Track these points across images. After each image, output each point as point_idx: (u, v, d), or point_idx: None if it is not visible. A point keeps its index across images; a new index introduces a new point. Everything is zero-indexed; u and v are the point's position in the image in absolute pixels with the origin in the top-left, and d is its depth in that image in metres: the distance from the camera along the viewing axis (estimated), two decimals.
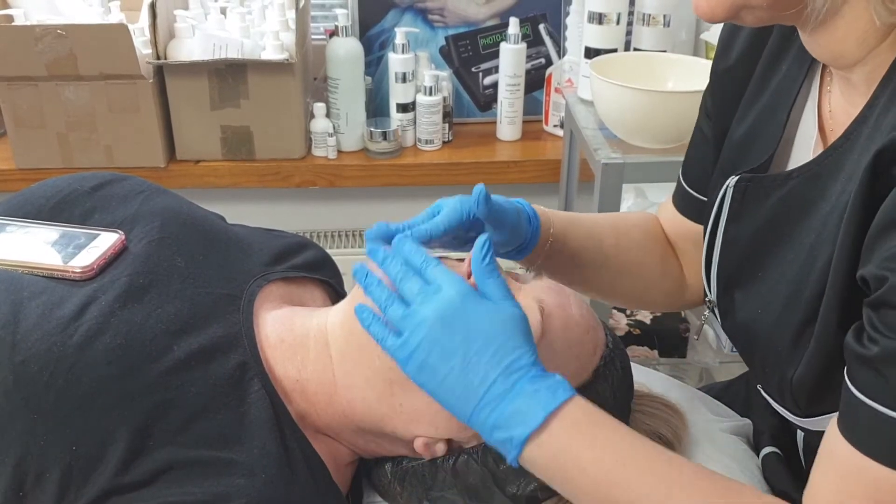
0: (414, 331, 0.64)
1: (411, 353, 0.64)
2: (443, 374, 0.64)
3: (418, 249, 0.68)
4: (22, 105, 1.62)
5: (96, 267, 0.75)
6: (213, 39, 1.62)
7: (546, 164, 1.80)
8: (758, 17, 0.63)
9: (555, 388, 0.63)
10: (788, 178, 0.70)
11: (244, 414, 0.71)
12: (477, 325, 0.64)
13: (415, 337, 0.64)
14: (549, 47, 1.90)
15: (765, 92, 0.77)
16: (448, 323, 0.64)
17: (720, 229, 0.77)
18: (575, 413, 0.63)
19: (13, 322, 0.68)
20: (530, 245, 0.82)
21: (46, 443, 0.65)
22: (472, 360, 0.64)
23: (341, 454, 0.79)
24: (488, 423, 0.63)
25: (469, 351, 0.64)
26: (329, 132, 1.77)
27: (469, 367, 0.64)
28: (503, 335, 0.64)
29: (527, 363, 0.64)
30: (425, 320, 0.64)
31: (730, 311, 0.78)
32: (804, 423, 0.71)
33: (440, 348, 0.64)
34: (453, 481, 0.74)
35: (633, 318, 1.62)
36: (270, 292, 0.83)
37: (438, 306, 0.64)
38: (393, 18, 1.85)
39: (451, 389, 0.64)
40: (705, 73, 1.32)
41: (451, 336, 0.64)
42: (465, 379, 0.63)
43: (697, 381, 1.67)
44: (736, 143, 0.79)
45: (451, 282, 0.66)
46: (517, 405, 0.62)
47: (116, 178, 0.87)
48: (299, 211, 1.93)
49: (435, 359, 0.64)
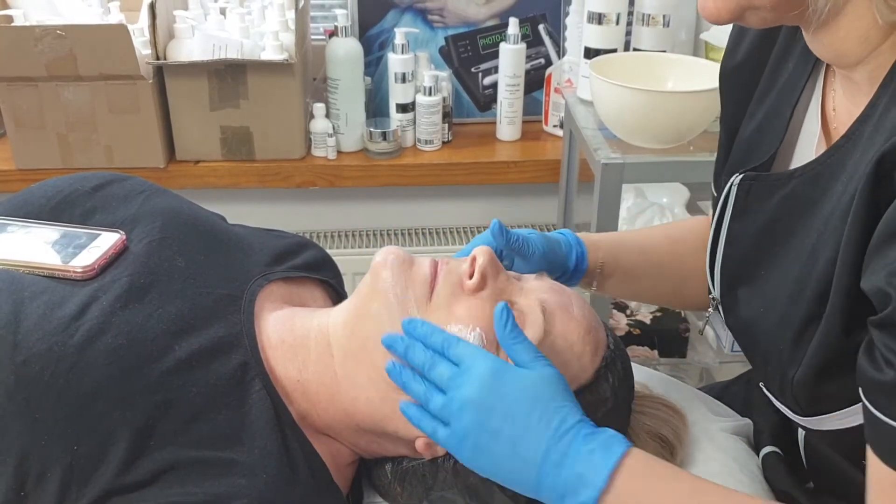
0: (458, 419, 0.66)
1: (461, 440, 0.66)
2: (498, 455, 0.65)
3: (433, 329, 0.70)
4: (22, 105, 1.62)
5: (97, 267, 0.75)
6: (213, 40, 1.62)
7: (546, 165, 1.80)
8: (762, 18, 0.64)
9: (608, 443, 0.64)
10: (791, 177, 0.70)
11: (245, 414, 0.71)
12: (515, 397, 0.65)
13: (460, 425, 0.66)
14: (548, 47, 1.90)
15: (772, 90, 0.77)
16: (486, 403, 0.65)
17: (724, 226, 0.78)
18: (635, 467, 0.64)
19: (14, 322, 0.68)
20: (578, 273, 0.87)
21: (47, 443, 0.65)
22: (520, 434, 0.65)
23: (342, 454, 0.79)
24: (556, 492, 0.64)
25: (514, 425, 0.65)
26: (329, 132, 1.77)
27: (519, 441, 0.65)
28: (543, 398, 0.65)
29: (574, 422, 0.65)
30: (465, 405, 0.66)
31: (733, 309, 0.78)
32: (805, 421, 0.71)
33: (487, 430, 0.65)
34: (454, 481, 0.74)
35: (633, 318, 1.62)
36: (271, 292, 0.83)
37: (473, 389, 0.66)
38: (392, 19, 1.85)
39: (509, 468, 0.65)
40: (705, 73, 1.34)
41: (493, 415, 0.65)
42: (519, 454, 0.65)
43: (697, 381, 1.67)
44: (744, 140, 0.80)
45: (478, 358, 0.67)
46: (577, 469, 0.63)
47: (117, 178, 0.87)
48: (299, 211, 1.93)
49: (485, 441, 0.65)
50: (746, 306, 0.75)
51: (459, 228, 1.97)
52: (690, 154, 1.36)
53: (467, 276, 0.74)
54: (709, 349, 1.64)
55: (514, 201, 1.96)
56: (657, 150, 1.34)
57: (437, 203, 1.96)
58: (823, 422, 0.68)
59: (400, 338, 0.70)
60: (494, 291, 0.74)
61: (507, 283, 0.76)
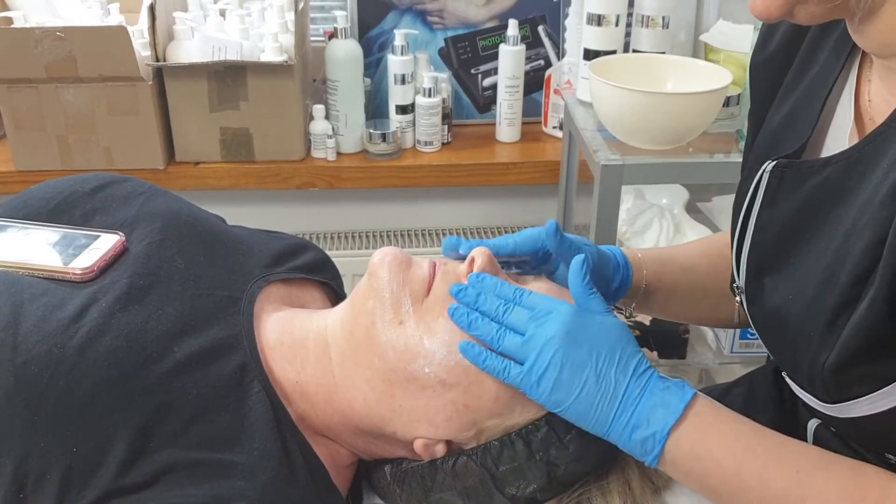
0: (541, 352, 0.69)
1: (542, 374, 0.68)
2: (578, 388, 0.68)
3: (502, 282, 0.73)
4: (21, 107, 1.62)
5: (97, 268, 0.75)
6: (213, 41, 1.62)
7: (545, 166, 1.81)
8: (810, 14, 0.64)
9: (681, 385, 0.70)
10: (827, 164, 0.70)
11: (244, 416, 0.71)
12: (598, 337, 0.70)
13: (543, 357, 0.68)
14: (548, 49, 1.91)
15: (802, 81, 0.77)
16: (573, 338, 0.69)
17: (753, 214, 0.78)
18: (706, 406, 0.69)
19: (14, 324, 0.68)
20: (620, 293, 0.88)
21: (47, 444, 0.65)
22: (603, 369, 0.69)
23: (341, 456, 0.79)
24: (630, 425, 0.68)
25: (599, 360, 0.69)
26: (328, 134, 1.77)
27: (602, 375, 0.69)
28: (621, 343, 0.70)
29: (648, 366, 0.70)
30: (551, 340, 0.69)
31: (758, 298, 0.78)
32: (832, 409, 0.71)
33: (571, 363, 0.68)
34: (453, 482, 0.74)
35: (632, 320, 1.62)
36: (270, 294, 0.83)
37: (559, 325, 0.69)
38: (392, 20, 1.85)
39: (587, 401, 0.68)
40: (704, 74, 1.34)
41: (579, 349, 0.69)
42: (601, 387, 0.68)
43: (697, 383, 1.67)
44: (771, 130, 0.80)
45: (557, 303, 0.71)
46: (654, 402, 0.68)
47: (117, 179, 0.87)
48: (299, 212, 1.93)
49: (567, 374, 0.68)
50: (773, 294, 0.75)
51: (459, 230, 1.98)
52: (690, 155, 1.36)
53: (465, 276, 0.74)
54: (708, 350, 1.64)
55: (513, 203, 1.96)
56: (656, 151, 1.34)
57: (437, 204, 1.96)
58: (852, 408, 0.68)
59: (470, 287, 0.73)
60: None
61: None
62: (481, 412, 0.72)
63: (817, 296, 0.69)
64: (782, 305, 0.74)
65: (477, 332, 0.71)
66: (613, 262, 0.87)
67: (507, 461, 0.72)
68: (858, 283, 0.64)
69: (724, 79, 1.30)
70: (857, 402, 0.67)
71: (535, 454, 0.72)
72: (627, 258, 0.89)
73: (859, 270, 0.64)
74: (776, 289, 0.75)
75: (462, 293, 0.73)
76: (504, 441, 0.72)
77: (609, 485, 0.75)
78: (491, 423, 0.72)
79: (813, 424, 0.84)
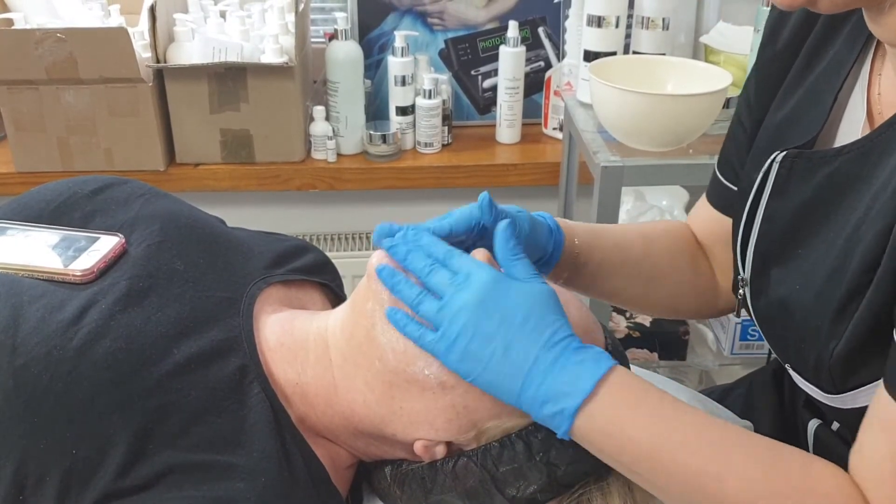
0: (452, 321, 0.66)
1: (452, 343, 0.66)
2: (486, 358, 0.66)
3: (438, 241, 0.70)
4: (22, 109, 1.62)
5: (96, 270, 0.75)
6: (213, 43, 1.62)
7: (545, 167, 1.81)
8: (833, 2, 0.64)
9: (597, 357, 0.66)
10: (838, 154, 0.70)
11: (244, 417, 0.71)
12: (512, 305, 0.66)
13: (454, 327, 0.66)
14: (548, 50, 1.91)
15: (808, 77, 0.77)
16: (485, 307, 0.66)
17: (761, 205, 0.77)
18: (622, 380, 0.66)
19: (13, 326, 0.68)
20: (553, 259, 0.84)
21: (46, 446, 0.65)
22: (513, 339, 0.66)
23: (341, 457, 0.79)
24: (538, 399, 0.65)
25: (509, 330, 0.66)
26: (328, 135, 1.77)
27: (511, 346, 0.66)
28: (539, 311, 0.67)
29: (566, 335, 0.67)
30: (463, 308, 0.66)
31: (764, 289, 0.77)
32: (837, 400, 0.70)
33: (481, 333, 0.66)
34: (453, 484, 0.74)
35: (632, 321, 1.62)
36: (270, 295, 0.83)
37: (473, 292, 0.66)
38: (392, 22, 1.85)
39: (496, 371, 0.66)
40: (704, 76, 1.34)
41: (490, 319, 0.66)
42: (509, 358, 0.66)
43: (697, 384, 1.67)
44: (776, 124, 0.79)
45: (480, 268, 0.68)
46: (565, 376, 0.65)
47: (117, 181, 0.87)
48: (299, 214, 1.93)
49: (477, 344, 0.66)
50: (780, 285, 0.75)
51: None
52: (690, 157, 1.36)
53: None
54: (708, 352, 1.64)
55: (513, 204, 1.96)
56: (656, 153, 1.34)
57: (437, 205, 1.96)
58: (857, 397, 0.68)
59: (402, 241, 0.70)
60: None
61: None
62: (481, 414, 0.72)
63: (826, 285, 0.68)
64: (789, 296, 0.73)
65: (399, 293, 0.69)
66: (545, 227, 0.85)
67: (507, 462, 0.72)
68: (869, 271, 0.64)
69: (724, 80, 1.30)
70: (864, 390, 0.66)
71: (535, 455, 0.72)
72: (559, 224, 0.86)
73: (870, 258, 0.64)
74: (783, 280, 0.75)
75: (393, 248, 0.70)
76: (504, 442, 0.72)
77: (609, 485, 0.75)
78: (491, 425, 0.72)
79: (813, 425, 0.84)
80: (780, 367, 0.97)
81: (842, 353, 0.67)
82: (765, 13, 1.41)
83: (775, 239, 0.77)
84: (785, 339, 0.76)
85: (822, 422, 0.84)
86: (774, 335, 0.78)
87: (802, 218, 0.73)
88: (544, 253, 0.84)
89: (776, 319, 0.77)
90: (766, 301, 0.77)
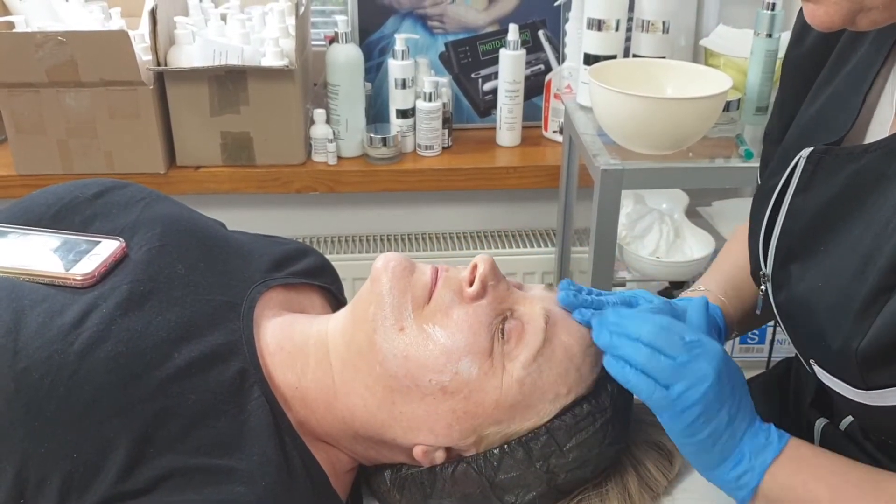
0: (693, 385, 0.69)
1: (688, 406, 0.69)
2: (713, 427, 0.69)
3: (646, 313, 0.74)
4: (23, 111, 1.62)
5: (97, 274, 0.75)
6: (214, 46, 1.62)
7: (545, 170, 1.81)
8: (872, 20, 0.64)
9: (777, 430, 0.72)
10: (866, 151, 0.70)
11: (244, 421, 0.71)
12: (736, 381, 0.71)
13: (694, 391, 0.69)
14: (548, 53, 1.91)
15: (838, 76, 0.77)
16: (722, 377, 0.70)
17: (786, 201, 0.77)
18: (801, 443, 0.71)
19: (15, 330, 0.68)
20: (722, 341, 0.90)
21: (47, 450, 0.65)
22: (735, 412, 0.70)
23: (340, 461, 0.79)
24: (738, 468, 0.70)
25: (732, 406, 0.70)
26: (329, 138, 1.77)
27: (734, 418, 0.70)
28: (745, 388, 0.73)
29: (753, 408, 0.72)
30: (707, 375, 0.69)
31: (785, 284, 0.77)
32: (864, 397, 0.70)
33: (717, 402, 0.69)
34: (452, 489, 0.74)
35: None
36: (270, 299, 0.83)
37: (714, 361, 0.70)
38: (392, 25, 1.85)
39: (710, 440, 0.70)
40: (704, 79, 1.34)
41: (723, 390, 0.70)
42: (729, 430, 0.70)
43: None
44: (804, 123, 0.80)
45: (706, 336, 0.72)
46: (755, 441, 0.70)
47: (117, 185, 0.87)
48: (299, 217, 1.93)
49: (711, 412, 0.69)
50: (801, 281, 0.75)
51: (459, 234, 1.98)
52: (690, 160, 1.36)
53: (467, 283, 0.74)
54: None
55: (513, 207, 1.96)
56: (656, 156, 1.34)
57: (437, 208, 1.96)
58: (887, 396, 0.67)
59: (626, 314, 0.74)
60: (494, 300, 0.74)
61: (507, 293, 0.76)
62: (482, 420, 0.72)
63: (850, 282, 0.68)
64: (811, 292, 0.73)
65: (624, 350, 0.71)
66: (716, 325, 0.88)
67: (506, 469, 0.72)
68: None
69: (723, 84, 1.30)
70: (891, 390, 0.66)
71: (535, 462, 0.72)
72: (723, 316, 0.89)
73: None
74: (803, 276, 0.75)
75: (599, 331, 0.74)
76: (504, 449, 0.72)
77: (608, 492, 0.75)
78: (491, 431, 0.73)
79: (820, 424, 0.84)
80: (783, 371, 0.98)
81: (866, 351, 0.66)
82: (764, 16, 1.41)
83: (797, 235, 0.76)
84: (807, 335, 0.76)
85: (828, 421, 0.84)
86: (796, 331, 0.78)
87: (827, 215, 0.73)
88: None
89: (798, 315, 0.76)
90: (788, 297, 0.77)
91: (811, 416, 0.86)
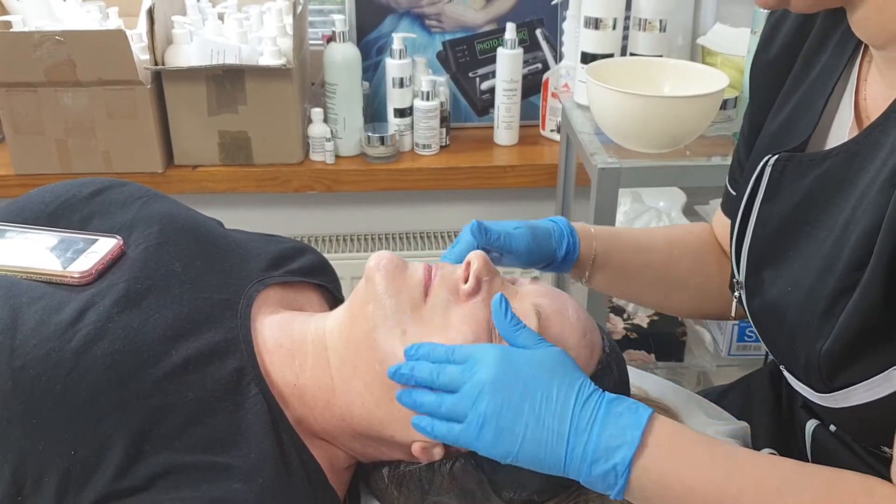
0: (474, 405, 0.66)
1: (481, 426, 0.66)
2: (520, 432, 0.65)
3: (434, 345, 0.71)
4: (20, 111, 1.62)
5: (95, 272, 0.75)
6: (211, 45, 1.62)
7: (543, 169, 1.81)
8: (806, 3, 0.65)
9: (633, 407, 0.66)
10: (827, 156, 0.71)
11: (241, 419, 0.71)
12: (530, 374, 0.66)
13: (477, 410, 0.66)
14: (545, 52, 1.91)
15: (804, 83, 0.78)
16: (502, 383, 0.66)
17: (755, 209, 0.78)
18: (665, 428, 0.66)
19: (12, 327, 0.69)
20: (570, 259, 0.87)
21: (45, 448, 0.65)
22: (542, 407, 0.65)
23: (338, 459, 0.79)
24: (586, 460, 0.64)
25: (535, 399, 0.65)
26: (327, 137, 1.77)
27: (542, 414, 0.65)
28: (559, 372, 0.67)
29: (592, 389, 0.66)
30: (482, 391, 0.66)
31: (758, 291, 0.78)
32: (829, 399, 0.71)
33: (507, 409, 0.65)
34: (450, 486, 0.74)
35: (630, 322, 1.63)
36: (268, 297, 0.83)
37: (486, 373, 0.66)
38: (390, 24, 1.85)
39: (534, 443, 0.65)
40: (701, 78, 1.34)
41: (511, 393, 0.66)
42: (545, 427, 0.65)
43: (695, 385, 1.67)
44: (772, 129, 0.81)
45: (484, 349, 0.68)
46: (608, 431, 0.64)
47: (115, 183, 0.88)
48: (297, 216, 1.93)
49: (507, 421, 0.65)
50: (772, 287, 0.76)
51: (457, 233, 1.97)
52: (687, 159, 1.36)
53: (462, 280, 0.75)
54: (706, 353, 1.64)
55: (511, 205, 1.96)
56: (654, 154, 1.34)
57: (435, 207, 1.96)
58: (849, 396, 0.68)
59: (403, 364, 0.71)
60: (489, 295, 0.74)
61: (501, 287, 0.76)
62: None
63: (815, 285, 0.69)
64: (781, 297, 0.74)
65: (421, 406, 0.69)
66: (557, 231, 0.87)
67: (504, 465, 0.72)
68: (856, 270, 0.64)
69: (721, 82, 1.30)
70: (855, 388, 0.66)
71: None
72: (574, 228, 0.88)
73: (857, 256, 0.65)
74: (774, 282, 0.76)
75: (397, 374, 0.70)
76: None
77: None
78: None
79: (811, 426, 0.85)
80: (778, 369, 0.98)
81: (829, 352, 0.67)
82: (762, 15, 1.41)
83: (767, 241, 0.77)
84: (778, 340, 0.77)
85: (819, 423, 0.84)
86: (768, 336, 0.79)
87: (793, 220, 0.74)
88: (554, 258, 0.87)
89: (769, 321, 0.77)
90: (761, 302, 0.78)
91: (802, 418, 0.86)
